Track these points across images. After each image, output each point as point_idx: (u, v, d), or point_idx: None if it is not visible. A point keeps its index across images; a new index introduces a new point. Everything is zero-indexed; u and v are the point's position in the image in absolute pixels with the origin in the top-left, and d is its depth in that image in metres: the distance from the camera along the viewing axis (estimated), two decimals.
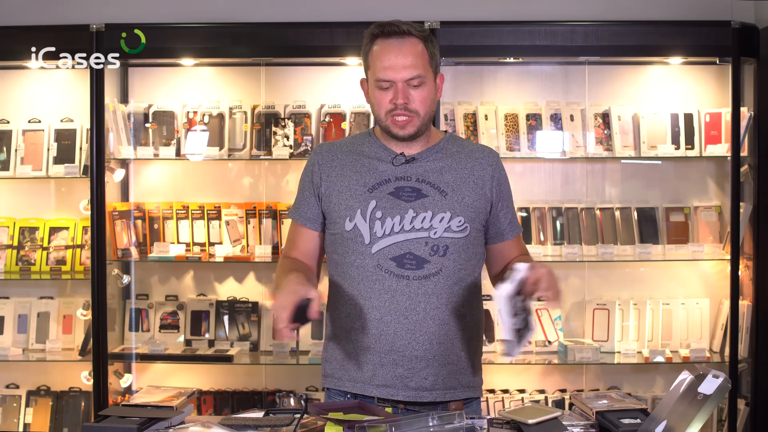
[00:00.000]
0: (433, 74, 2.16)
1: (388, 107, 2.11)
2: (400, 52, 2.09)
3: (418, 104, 2.11)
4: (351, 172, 2.18)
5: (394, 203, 2.13)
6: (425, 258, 2.11)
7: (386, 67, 2.09)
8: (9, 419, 3.84)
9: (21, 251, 3.88)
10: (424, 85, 2.11)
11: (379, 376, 2.12)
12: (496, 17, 3.70)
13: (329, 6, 3.80)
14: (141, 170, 3.91)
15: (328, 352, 2.23)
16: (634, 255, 3.73)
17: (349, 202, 2.15)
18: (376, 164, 2.17)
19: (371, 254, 2.11)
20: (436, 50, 2.16)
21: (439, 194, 2.14)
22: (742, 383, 3.72)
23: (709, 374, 1.78)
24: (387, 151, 2.19)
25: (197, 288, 3.94)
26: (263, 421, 2.01)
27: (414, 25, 2.13)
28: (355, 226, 2.13)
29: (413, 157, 2.17)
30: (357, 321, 2.13)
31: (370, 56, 2.14)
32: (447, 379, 2.14)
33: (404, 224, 2.11)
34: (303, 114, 3.76)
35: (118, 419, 1.96)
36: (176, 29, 3.64)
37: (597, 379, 3.85)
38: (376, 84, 2.12)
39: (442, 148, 2.20)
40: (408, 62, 2.09)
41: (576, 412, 2.05)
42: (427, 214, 2.12)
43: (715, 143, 3.72)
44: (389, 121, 2.12)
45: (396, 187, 2.14)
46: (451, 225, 2.12)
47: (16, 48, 3.61)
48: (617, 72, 3.88)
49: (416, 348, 2.10)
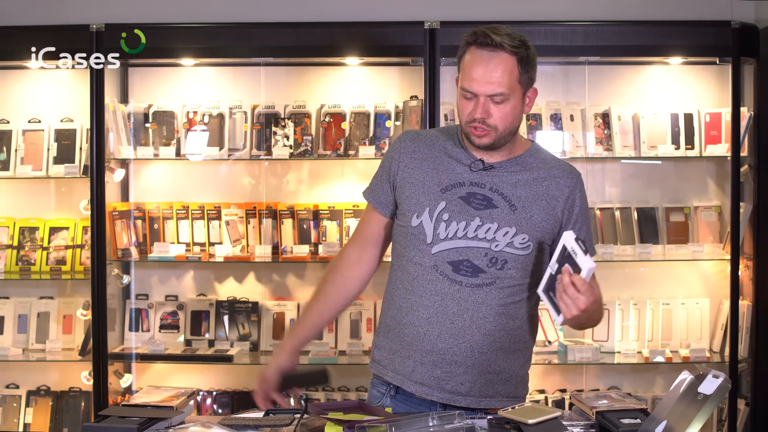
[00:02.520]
0: (523, 90, 2.09)
1: (468, 118, 2.09)
2: (488, 66, 2.03)
3: (497, 120, 2.07)
4: (429, 168, 2.17)
5: (463, 208, 2.11)
6: (482, 268, 2.10)
7: (472, 79, 2.05)
8: (9, 419, 3.84)
9: (21, 251, 3.88)
10: (507, 102, 2.06)
11: (417, 373, 2.13)
12: (496, 17, 3.69)
13: (329, 6, 3.80)
14: (141, 170, 3.91)
15: (379, 339, 2.24)
16: (634, 255, 3.72)
17: (420, 199, 2.14)
18: (455, 165, 2.16)
19: (430, 254, 2.11)
20: (530, 65, 2.08)
21: (509, 208, 2.11)
22: (742, 383, 3.72)
23: (709, 374, 1.78)
24: (468, 154, 2.16)
25: (197, 288, 3.94)
26: (263, 421, 2.01)
27: (510, 38, 2.04)
28: (421, 224, 2.13)
29: (492, 165, 2.15)
30: (406, 315, 2.14)
31: (462, 63, 2.10)
32: (484, 387, 2.13)
33: (468, 231, 2.10)
34: (303, 114, 3.76)
35: (118, 419, 1.96)
36: (176, 29, 3.64)
37: (597, 379, 3.85)
38: (461, 92, 2.09)
39: (523, 161, 2.17)
40: (494, 78, 2.03)
41: (576, 412, 2.05)
42: (493, 225, 2.10)
43: (715, 143, 3.71)
44: (468, 128, 2.10)
45: (468, 192, 2.12)
46: (514, 241, 2.10)
47: (16, 48, 3.61)
48: (617, 72, 3.87)
49: (457, 353, 2.10)
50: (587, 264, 1.86)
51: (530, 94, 2.13)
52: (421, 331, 2.12)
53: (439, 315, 2.10)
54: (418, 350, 2.12)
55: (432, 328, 2.11)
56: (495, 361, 2.13)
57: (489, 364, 2.12)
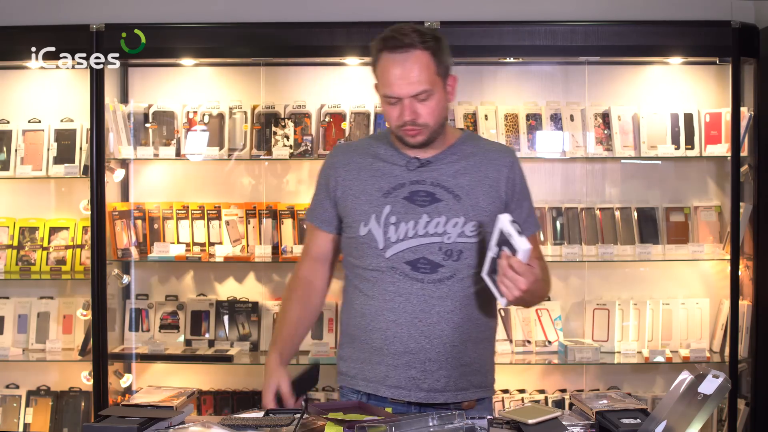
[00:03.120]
0: (443, 81, 2.11)
1: (397, 122, 2.10)
2: (404, 67, 2.05)
3: (426, 117, 2.09)
4: (366, 176, 2.18)
5: (408, 208, 2.13)
6: (439, 262, 2.11)
7: (392, 84, 2.07)
8: (9, 419, 3.84)
9: (21, 251, 3.88)
10: (432, 98, 2.08)
11: (392, 377, 2.13)
12: (496, 17, 3.70)
13: (329, 6, 3.80)
14: (141, 170, 3.91)
15: (344, 350, 2.24)
16: (634, 255, 3.72)
17: (364, 207, 2.15)
18: (391, 168, 2.17)
19: (386, 258, 2.12)
20: (444, 55, 2.10)
21: (453, 199, 2.13)
22: (742, 383, 3.72)
23: (709, 374, 1.78)
24: (401, 155, 2.18)
25: (197, 288, 3.94)
26: (263, 421, 2.01)
27: (419, 34, 2.07)
28: (370, 231, 2.13)
29: (428, 160, 2.16)
30: (372, 321, 2.14)
31: (377, 70, 2.12)
32: (459, 381, 2.15)
33: (418, 229, 2.11)
34: (303, 114, 3.76)
35: (118, 419, 1.96)
36: (176, 29, 3.64)
37: (597, 379, 3.85)
38: (384, 99, 2.11)
39: (457, 149, 2.19)
40: (413, 78, 2.05)
41: (576, 412, 2.05)
42: (441, 218, 2.11)
43: (715, 143, 3.71)
44: (400, 132, 2.12)
45: (410, 191, 2.14)
46: (465, 230, 2.12)
47: (16, 48, 3.61)
48: (617, 72, 3.87)
49: (429, 350, 2.11)
50: (523, 245, 1.89)
51: (450, 83, 2.15)
52: (390, 335, 2.12)
53: (406, 315, 2.11)
54: (390, 354, 2.13)
55: (401, 329, 2.11)
56: (466, 353, 2.15)
57: (461, 356, 2.14)
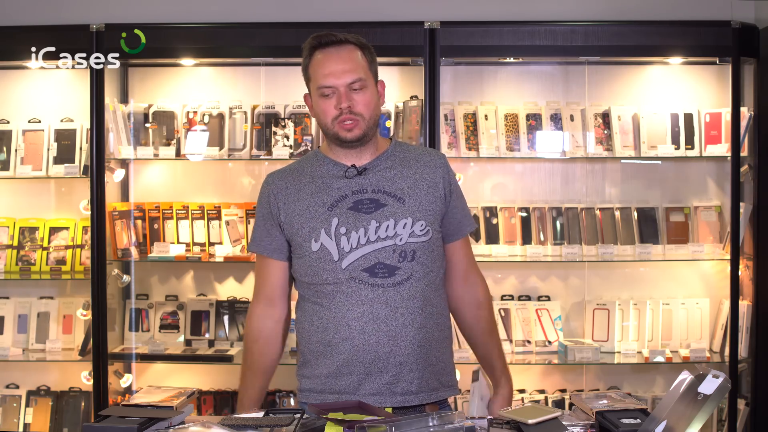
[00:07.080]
0: (374, 79, 2.20)
1: (333, 114, 2.15)
2: (339, 58, 2.14)
3: (362, 107, 2.15)
4: (307, 195, 2.20)
5: (355, 217, 2.15)
6: (395, 265, 2.14)
7: (327, 74, 2.14)
8: (9, 419, 3.84)
9: (21, 251, 3.88)
10: (366, 89, 2.16)
11: (365, 386, 2.14)
12: (496, 17, 3.70)
13: (329, 6, 3.80)
14: (141, 170, 3.91)
15: (306, 369, 2.22)
16: (634, 255, 3.73)
17: (312, 224, 2.17)
18: (331, 181, 2.20)
19: (342, 269, 2.13)
20: (373, 58, 2.22)
21: (396, 201, 2.17)
22: (742, 383, 3.72)
23: (709, 374, 1.78)
24: (338, 165, 2.21)
25: (197, 288, 3.95)
26: (263, 421, 2.01)
27: (349, 34, 2.19)
28: (322, 245, 2.15)
29: (365, 167, 2.20)
30: (337, 334, 2.14)
31: (311, 67, 2.18)
32: (430, 381, 2.18)
33: (369, 235, 2.14)
34: (303, 114, 3.76)
35: (118, 419, 1.96)
36: (176, 29, 3.64)
37: (597, 379, 3.85)
38: (319, 92, 2.16)
39: (390, 155, 2.24)
40: (348, 67, 2.14)
41: (576, 412, 2.05)
42: (390, 222, 2.15)
43: (715, 143, 3.72)
44: (336, 127, 2.16)
45: (354, 201, 2.17)
46: (415, 230, 2.16)
47: (16, 48, 3.62)
48: (617, 72, 3.88)
49: (399, 354, 2.13)
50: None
51: (380, 88, 2.23)
52: (358, 344, 2.13)
53: (372, 322, 2.12)
54: (360, 363, 2.13)
55: (369, 336, 2.12)
56: (432, 352, 2.18)
57: (428, 356, 2.17)
